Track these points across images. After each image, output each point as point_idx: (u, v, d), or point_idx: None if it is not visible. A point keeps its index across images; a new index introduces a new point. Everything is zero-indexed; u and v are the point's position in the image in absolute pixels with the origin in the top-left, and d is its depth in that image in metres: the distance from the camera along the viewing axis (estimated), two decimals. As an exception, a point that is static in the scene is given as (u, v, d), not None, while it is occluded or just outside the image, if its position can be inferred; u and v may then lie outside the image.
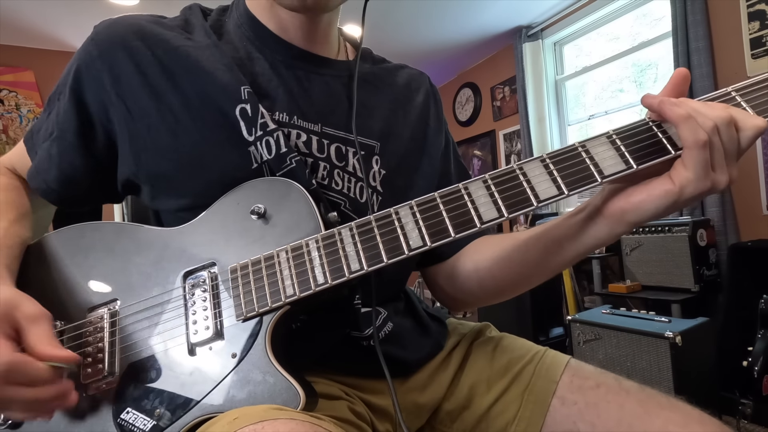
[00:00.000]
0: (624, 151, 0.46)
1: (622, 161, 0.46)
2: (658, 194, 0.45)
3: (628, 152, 0.46)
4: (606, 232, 0.51)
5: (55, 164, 0.60)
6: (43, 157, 0.62)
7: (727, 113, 0.43)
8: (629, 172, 0.45)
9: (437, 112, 0.75)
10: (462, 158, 0.80)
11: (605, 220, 0.50)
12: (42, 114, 0.64)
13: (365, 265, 0.48)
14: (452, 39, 3.72)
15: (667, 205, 0.45)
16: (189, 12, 0.65)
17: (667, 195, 0.45)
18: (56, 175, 0.61)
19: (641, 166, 0.45)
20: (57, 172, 0.61)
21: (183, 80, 0.57)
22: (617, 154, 0.46)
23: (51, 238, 0.59)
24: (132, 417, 0.48)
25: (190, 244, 0.54)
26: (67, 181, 0.61)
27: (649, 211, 0.46)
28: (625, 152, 0.46)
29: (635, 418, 0.55)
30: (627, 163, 0.45)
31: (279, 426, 0.38)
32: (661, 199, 0.45)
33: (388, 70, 0.73)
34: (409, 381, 0.65)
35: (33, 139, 0.64)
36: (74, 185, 0.62)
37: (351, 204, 0.60)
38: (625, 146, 0.46)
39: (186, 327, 0.51)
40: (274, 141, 0.55)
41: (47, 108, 0.63)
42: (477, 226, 0.47)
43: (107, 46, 0.58)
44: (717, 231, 2.28)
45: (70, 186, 0.62)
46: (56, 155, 0.60)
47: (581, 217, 0.53)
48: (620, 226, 0.50)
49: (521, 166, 0.48)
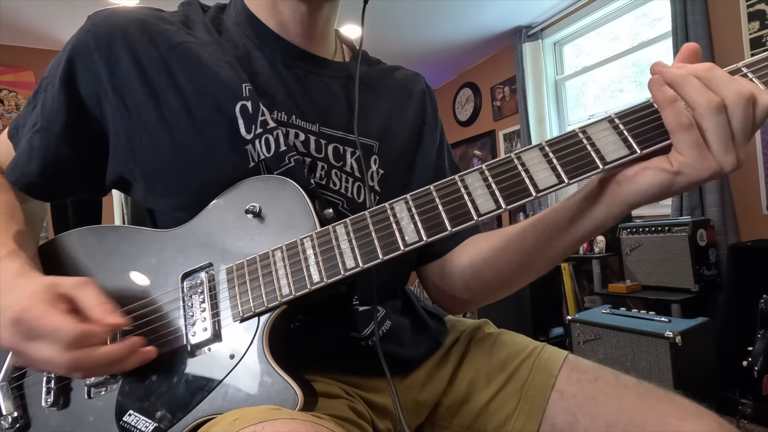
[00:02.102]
0: (627, 135, 0.43)
1: (625, 146, 0.43)
2: (653, 169, 0.43)
3: (631, 136, 0.43)
4: (603, 212, 0.49)
5: (37, 156, 0.58)
6: (23, 150, 0.59)
7: (748, 90, 0.40)
8: (633, 157, 0.43)
9: (433, 111, 0.75)
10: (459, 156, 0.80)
11: (601, 199, 0.48)
12: (25, 108, 0.62)
13: (360, 262, 0.47)
14: (452, 39, 3.72)
15: (662, 182, 0.43)
16: (188, 8, 0.64)
17: (663, 172, 0.42)
18: (37, 166, 0.58)
19: (645, 150, 0.43)
20: (38, 164, 0.58)
21: (183, 77, 0.56)
22: (620, 138, 0.44)
23: (51, 244, 0.60)
24: (134, 419, 0.48)
25: (187, 246, 0.54)
26: (48, 172, 0.59)
27: (643, 185, 0.43)
28: (628, 136, 0.43)
29: (634, 410, 0.55)
30: (630, 147, 0.43)
31: (279, 426, 0.38)
32: (657, 175, 0.43)
33: (383, 72, 0.73)
34: (409, 379, 0.65)
35: (18, 133, 0.62)
36: (57, 177, 0.60)
37: (349, 204, 0.60)
38: (627, 130, 0.44)
39: (185, 329, 0.51)
40: (274, 139, 0.55)
41: (32, 101, 0.61)
42: (474, 218, 0.45)
43: (106, 38, 0.56)
44: (717, 231, 2.28)
45: (52, 178, 0.59)
46: (39, 147, 0.58)
47: (577, 198, 0.51)
48: (615, 206, 0.47)
49: (519, 155, 0.46)
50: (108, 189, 0.63)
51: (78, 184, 0.62)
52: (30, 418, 0.53)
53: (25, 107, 0.62)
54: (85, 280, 0.48)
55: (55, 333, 0.44)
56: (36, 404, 0.53)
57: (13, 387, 0.54)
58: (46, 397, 0.52)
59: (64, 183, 0.61)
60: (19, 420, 0.53)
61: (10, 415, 0.53)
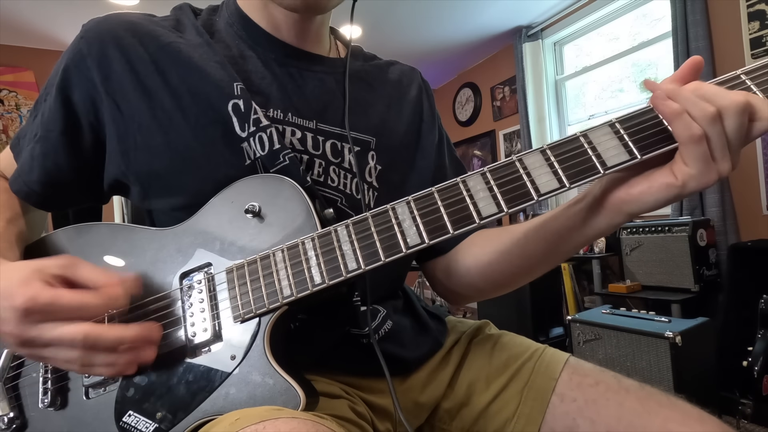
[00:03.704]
0: (627, 141, 0.44)
1: (626, 151, 0.44)
2: (658, 187, 0.43)
3: (632, 141, 0.44)
4: (605, 222, 0.50)
5: (38, 165, 0.59)
6: (25, 159, 0.60)
7: (744, 99, 0.40)
8: (633, 162, 0.43)
9: (430, 107, 0.75)
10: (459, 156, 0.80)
11: (604, 211, 0.49)
12: (28, 120, 0.63)
13: (362, 264, 0.47)
14: (452, 39, 3.72)
15: (668, 198, 0.44)
16: (180, 12, 0.64)
17: (669, 188, 0.43)
18: (39, 175, 0.59)
19: (645, 156, 0.43)
20: (40, 173, 0.59)
21: (174, 77, 0.56)
22: (620, 143, 0.44)
23: (47, 239, 0.59)
24: (134, 420, 0.48)
25: (186, 245, 0.54)
26: (50, 182, 0.59)
27: (649, 203, 0.45)
28: (628, 141, 0.44)
29: (635, 415, 0.55)
30: (631, 153, 0.43)
31: (281, 425, 0.39)
32: (662, 192, 0.43)
33: (379, 67, 0.73)
34: (409, 380, 0.65)
35: (20, 144, 0.62)
36: (57, 186, 0.60)
37: (347, 200, 0.60)
38: (628, 135, 0.44)
39: (184, 329, 0.50)
40: (267, 137, 0.55)
41: (33, 112, 0.62)
42: (476, 221, 0.45)
43: (97, 43, 0.56)
44: (717, 231, 2.28)
45: (53, 187, 0.60)
46: (39, 156, 0.58)
47: (580, 207, 0.51)
48: (619, 217, 0.49)
49: (521, 159, 0.46)
50: (108, 196, 0.64)
51: (78, 192, 0.62)
52: (26, 419, 0.52)
53: (28, 119, 0.63)
54: (69, 257, 0.48)
55: (82, 308, 0.44)
56: (32, 405, 0.52)
57: (8, 387, 0.53)
58: (43, 398, 0.51)
59: (65, 191, 0.61)
60: (15, 420, 0.52)
61: (5, 415, 0.52)
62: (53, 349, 0.45)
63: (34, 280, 0.44)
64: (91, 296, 0.44)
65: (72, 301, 0.44)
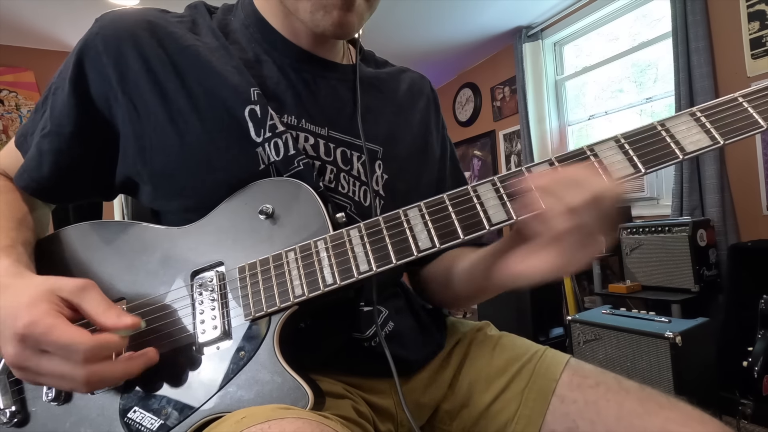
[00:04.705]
0: (633, 155, 0.47)
1: (630, 165, 0.47)
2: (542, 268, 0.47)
3: (637, 156, 0.47)
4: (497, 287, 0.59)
5: (46, 160, 0.58)
6: (32, 155, 0.59)
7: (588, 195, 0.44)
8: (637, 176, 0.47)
9: (437, 118, 0.76)
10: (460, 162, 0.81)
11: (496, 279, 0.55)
12: (33, 115, 0.62)
13: (374, 266, 0.48)
14: (452, 39, 3.72)
15: (553, 276, 0.47)
16: (195, 11, 0.64)
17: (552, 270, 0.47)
18: (47, 170, 0.58)
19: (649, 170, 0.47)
20: (49, 167, 0.58)
21: (192, 79, 0.56)
22: (625, 158, 0.47)
23: (62, 234, 0.59)
24: (139, 416, 0.48)
25: (197, 244, 0.54)
26: (59, 175, 0.59)
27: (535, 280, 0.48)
28: (633, 156, 0.47)
29: (635, 416, 0.55)
30: (636, 167, 0.47)
31: (286, 425, 0.39)
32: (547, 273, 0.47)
33: (391, 75, 0.74)
34: (411, 381, 0.65)
35: (27, 141, 0.61)
36: (66, 179, 0.60)
37: (356, 207, 0.61)
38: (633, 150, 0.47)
39: (193, 326, 0.51)
40: (283, 143, 0.56)
41: (39, 108, 0.61)
42: (486, 227, 0.47)
43: (114, 40, 0.56)
44: (717, 231, 2.28)
45: (62, 180, 0.59)
46: (48, 151, 0.58)
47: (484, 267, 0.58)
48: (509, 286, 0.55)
49: (530, 169, 0.49)
50: (116, 191, 0.64)
51: (89, 186, 0.62)
52: (29, 413, 0.52)
53: (33, 115, 0.62)
54: (86, 282, 0.47)
55: (69, 347, 0.42)
56: (36, 398, 0.52)
57: (11, 380, 0.53)
58: (47, 392, 0.51)
59: (75, 185, 0.61)
60: (17, 414, 0.52)
61: (8, 408, 0.52)
62: (48, 379, 0.45)
63: (42, 302, 0.44)
64: (85, 338, 0.43)
65: (61, 339, 0.42)
